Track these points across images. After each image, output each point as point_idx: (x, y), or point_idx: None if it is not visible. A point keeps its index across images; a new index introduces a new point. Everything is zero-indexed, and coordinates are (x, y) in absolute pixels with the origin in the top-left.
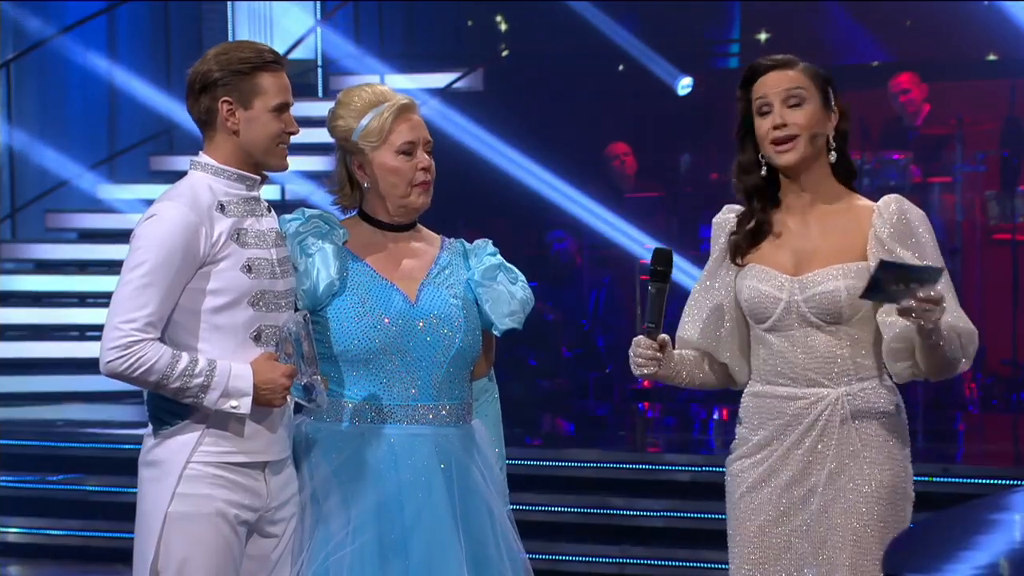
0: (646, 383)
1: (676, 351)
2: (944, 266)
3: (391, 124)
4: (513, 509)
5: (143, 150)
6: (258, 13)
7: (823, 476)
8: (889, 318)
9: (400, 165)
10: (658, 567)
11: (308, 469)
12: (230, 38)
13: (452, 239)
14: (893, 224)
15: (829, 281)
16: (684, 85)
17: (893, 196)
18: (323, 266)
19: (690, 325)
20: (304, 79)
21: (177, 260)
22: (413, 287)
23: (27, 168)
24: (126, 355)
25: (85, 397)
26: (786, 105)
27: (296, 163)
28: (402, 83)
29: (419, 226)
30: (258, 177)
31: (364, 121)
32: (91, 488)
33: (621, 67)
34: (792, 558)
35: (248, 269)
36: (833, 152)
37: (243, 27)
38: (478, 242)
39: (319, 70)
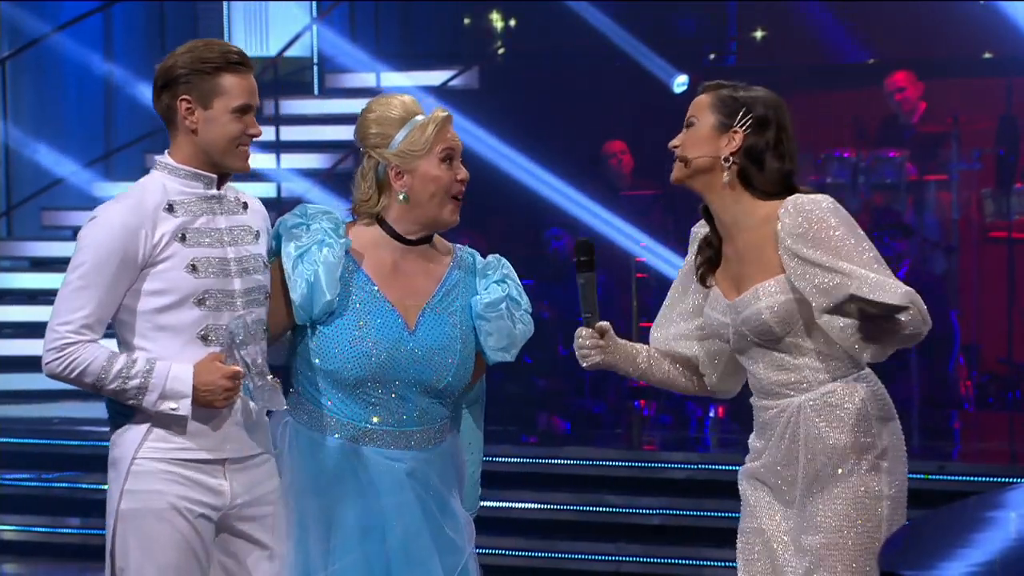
0: (642, 381)
1: (636, 343)
2: (863, 247)
3: (435, 135)
4: (509, 507)
5: (139, 148)
6: (254, 11)
7: (799, 480)
8: (833, 320)
9: (442, 174)
10: (654, 564)
11: (288, 474)
12: (226, 36)
13: (464, 250)
14: (792, 230)
15: (752, 304)
16: (680, 83)
17: (790, 199)
18: (322, 284)
19: (660, 327)
20: (300, 77)
21: (114, 262)
22: (414, 312)
23: (23, 166)
24: (61, 357)
25: (81, 395)
26: (686, 129)
27: (292, 161)
28: (398, 81)
29: (435, 236)
30: (215, 176)
31: (405, 131)
32: (88, 486)
33: (617, 65)
34: (779, 559)
35: (193, 268)
36: (726, 172)
37: (239, 25)
38: (490, 260)
39: (315, 68)
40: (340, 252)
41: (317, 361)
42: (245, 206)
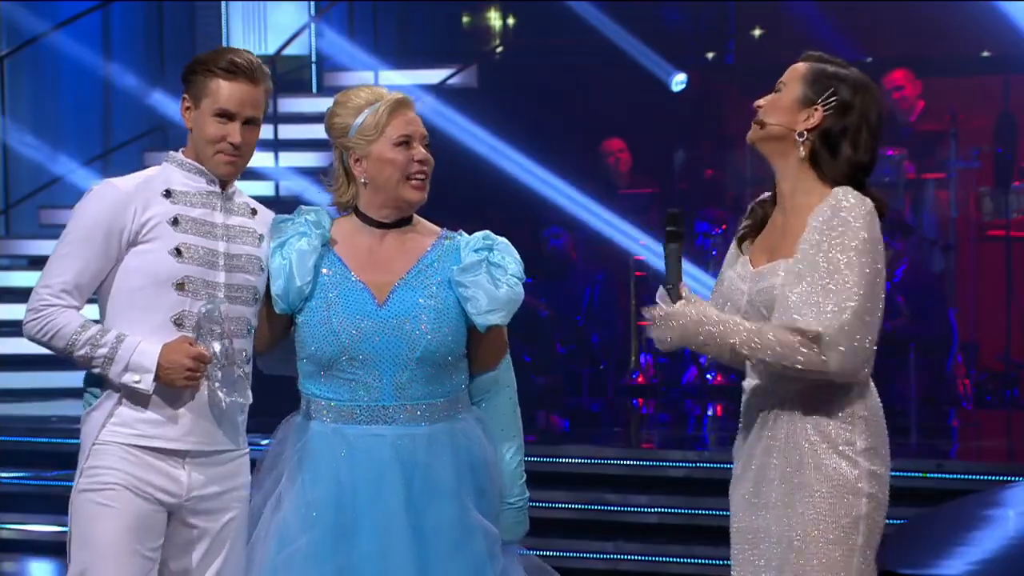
0: (640, 378)
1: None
2: (849, 266)
3: (387, 118)
4: None
5: (137, 146)
6: (252, 9)
7: (777, 470)
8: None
9: (396, 156)
10: (652, 563)
11: (282, 462)
12: (223, 34)
13: (453, 232)
14: (820, 217)
15: (769, 277)
16: (678, 81)
17: (840, 189)
18: (295, 271)
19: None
20: (298, 75)
21: (99, 232)
22: (386, 289)
23: (21, 164)
24: (37, 319)
25: (79, 393)
26: (774, 93)
27: (290, 159)
28: (396, 79)
29: (416, 220)
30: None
31: (361, 117)
32: None
33: (615, 63)
34: (760, 550)
35: (177, 253)
36: (802, 147)
37: (237, 23)
38: (476, 235)
39: (313, 66)
40: (316, 242)
41: (299, 349)
42: (254, 212)
